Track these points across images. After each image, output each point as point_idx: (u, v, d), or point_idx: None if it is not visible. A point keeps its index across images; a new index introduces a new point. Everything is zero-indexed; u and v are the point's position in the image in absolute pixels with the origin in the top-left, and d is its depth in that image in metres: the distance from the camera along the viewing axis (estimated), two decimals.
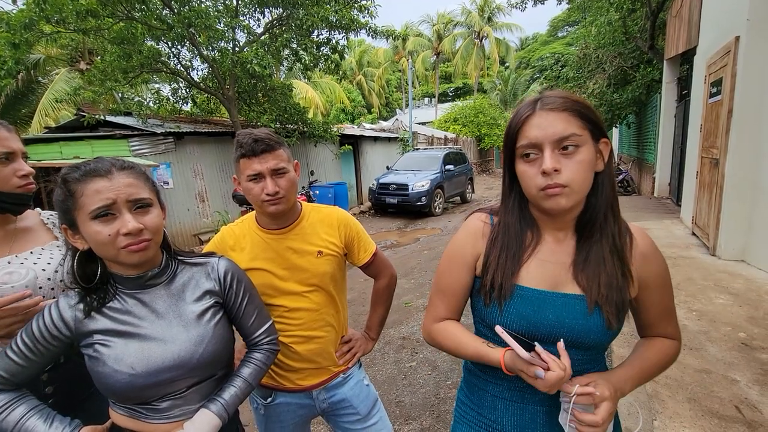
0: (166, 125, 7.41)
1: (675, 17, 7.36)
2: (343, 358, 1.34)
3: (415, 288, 4.80)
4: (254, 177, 1.13)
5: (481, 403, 0.93)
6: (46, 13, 5.61)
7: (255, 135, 1.12)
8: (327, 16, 7.02)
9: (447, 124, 21.21)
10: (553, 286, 0.83)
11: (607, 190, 0.81)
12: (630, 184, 10.52)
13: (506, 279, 0.84)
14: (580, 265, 0.82)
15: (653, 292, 0.85)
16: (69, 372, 1.10)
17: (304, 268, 1.23)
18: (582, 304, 0.80)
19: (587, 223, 0.83)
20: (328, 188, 9.24)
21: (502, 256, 0.86)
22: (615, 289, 0.79)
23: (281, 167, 1.14)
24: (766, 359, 2.38)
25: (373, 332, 1.47)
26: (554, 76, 21.45)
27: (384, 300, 1.47)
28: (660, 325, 0.89)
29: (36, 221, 1.19)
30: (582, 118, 0.76)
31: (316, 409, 1.33)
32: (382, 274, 1.44)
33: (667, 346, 0.89)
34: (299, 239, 1.23)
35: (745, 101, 3.89)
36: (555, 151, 0.75)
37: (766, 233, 3.72)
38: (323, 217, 1.29)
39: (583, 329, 0.80)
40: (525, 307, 0.83)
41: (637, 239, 0.83)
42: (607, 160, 0.81)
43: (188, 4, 6.66)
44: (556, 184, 0.75)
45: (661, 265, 0.85)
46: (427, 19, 31.65)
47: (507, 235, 0.88)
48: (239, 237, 1.24)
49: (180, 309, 0.94)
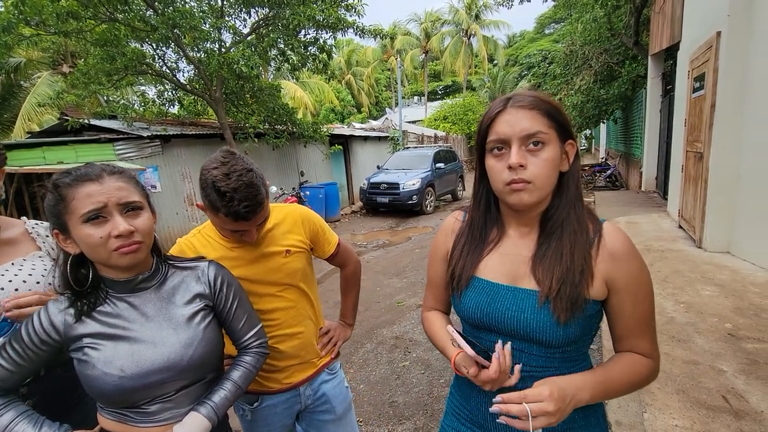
0: (153, 128, 7.30)
1: (658, 13, 7.46)
2: (326, 349, 1.38)
3: (407, 287, 4.81)
4: (235, 231, 1.11)
5: (466, 395, 0.96)
6: (25, 15, 5.47)
7: (244, 203, 1.01)
8: (314, 16, 6.96)
9: (437, 123, 21.27)
10: (511, 279, 0.86)
11: (572, 190, 0.84)
12: (618, 179, 10.65)
13: (464, 270, 0.89)
14: (538, 259, 0.83)
15: (623, 298, 0.80)
16: (50, 385, 1.08)
17: (274, 269, 1.23)
18: (533, 299, 0.81)
19: (550, 220, 0.84)
20: (319, 189, 9.19)
21: (465, 248, 0.92)
22: (569, 285, 0.78)
23: (265, 217, 1.14)
24: (752, 349, 2.42)
25: (349, 318, 1.53)
26: (542, 72, 21.66)
27: (353, 286, 1.52)
28: (631, 338, 0.83)
29: (20, 231, 1.18)
30: (549, 117, 0.79)
31: (301, 405, 1.34)
32: (347, 262, 1.49)
33: (636, 362, 0.82)
34: (267, 243, 1.23)
35: (727, 95, 3.96)
36: (522, 148, 0.78)
37: (750, 225, 3.79)
38: (285, 216, 1.29)
39: (534, 323, 0.80)
40: (479, 298, 0.87)
41: (606, 238, 0.81)
42: (572, 161, 0.84)
43: (172, 4, 6.54)
44: (520, 179, 0.77)
45: (634, 269, 0.80)
46: (415, 17, 31.69)
47: (471, 229, 0.93)
48: (200, 249, 1.18)
49: (170, 312, 0.95)
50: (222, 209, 1.02)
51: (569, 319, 0.78)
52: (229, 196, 1.00)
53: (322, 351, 1.36)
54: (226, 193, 1.00)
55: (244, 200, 1.01)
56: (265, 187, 1.11)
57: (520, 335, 0.82)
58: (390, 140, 14.66)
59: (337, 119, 25.45)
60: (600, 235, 0.82)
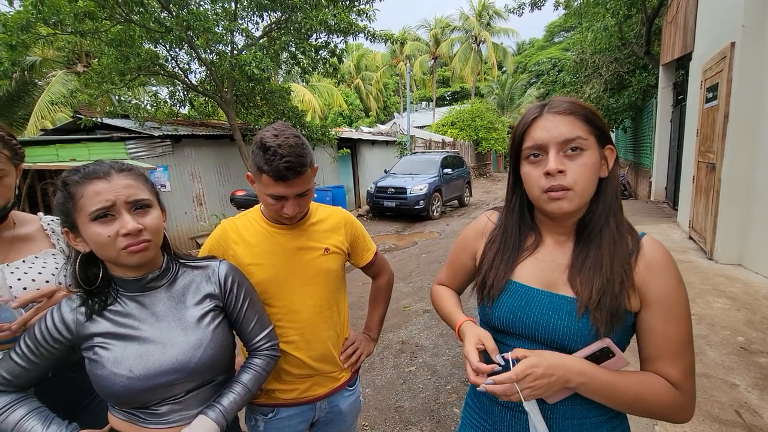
0: (164, 128, 7.38)
1: (670, 23, 7.43)
2: (348, 361, 1.32)
3: (413, 292, 4.79)
4: (277, 197, 1.08)
5: (483, 407, 0.94)
6: (43, 15, 5.57)
7: (286, 158, 1.01)
8: (325, 20, 7.03)
9: (445, 128, 21.27)
10: (546, 285, 0.83)
11: (611, 196, 0.81)
12: (627, 189, 10.57)
13: (497, 279, 0.87)
14: (576, 268, 0.80)
15: (654, 313, 0.75)
16: (58, 386, 1.08)
17: (309, 266, 1.21)
18: (571, 307, 0.78)
19: (587, 227, 0.82)
20: (327, 191, 9.21)
21: (497, 258, 0.89)
22: (609, 296, 0.74)
23: (306, 190, 1.11)
24: (765, 363, 2.38)
25: (374, 332, 1.46)
26: (551, 80, 21.62)
27: (385, 298, 1.49)
28: (659, 361, 0.76)
29: (36, 227, 1.17)
30: (588, 122, 0.77)
31: (315, 418, 1.30)
32: (382, 272, 1.46)
33: (659, 382, 0.75)
34: (307, 236, 1.22)
35: (741, 106, 3.93)
36: (560, 153, 0.76)
37: (763, 237, 3.74)
38: (329, 216, 1.29)
39: (568, 332, 0.77)
40: (513, 301, 0.84)
41: (645, 249, 0.78)
42: (611, 166, 0.81)
43: (187, 7, 6.65)
44: (560, 186, 0.75)
45: (670, 283, 0.75)
46: (425, 23, 31.82)
47: (504, 237, 0.90)
48: (242, 230, 1.20)
49: (180, 312, 0.94)
50: (264, 166, 1.02)
51: (609, 331, 0.75)
52: (272, 150, 1.01)
53: (344, 363, 1.30)
54: (270, 148, 1.01)
55: (286, 156, 1.01)
56: (311, 158, 1.10)
57: (550, 342, 0.79)
58: (398, 145, 14.70)
59: (346, 123, 25.56)
60: (639, 246, 0.79)
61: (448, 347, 3.33)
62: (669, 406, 0.74)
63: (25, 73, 10.65)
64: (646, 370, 0.79)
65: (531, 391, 0.72)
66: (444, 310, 1.01)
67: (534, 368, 0.72)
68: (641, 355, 0.80)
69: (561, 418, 0.81)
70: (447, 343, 3.39)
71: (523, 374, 0.72)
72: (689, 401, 0.75)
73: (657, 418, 0.77)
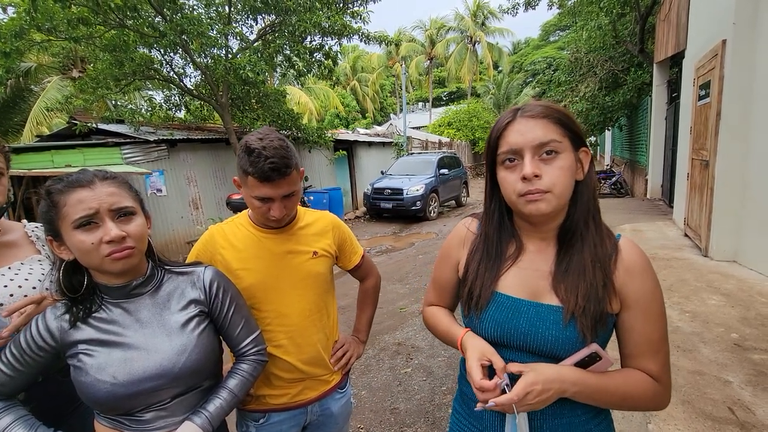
0: (159, 132, 7.38)
1: (664, 21, 7.46)
2: (338, 364, 1.32)
3: (410, 293, 4.79)
4: (263, 199, 1.08)
5: (471, 412, 0.94)
6: (36, 22, 5.57)
7: (270, 159, 1.01)
8: (319, 22, 7.03)
9: (441, 129, 21.31)
10: (531, 295, 0.83)
11: (588, 199, 0.81)
12: (623, 186, 10.60)
13: (484, 289, 0.86)
14: (560, 275, 0.80)
15: (634, 314, 0.78)
16: (47, 391, 1.07)
17: (298, 269, 1.21)
18: (557, 316, 0.78)
19: (568, 232, 0.82)
20: (323, 194, 9.21)
21: (481, 267, 0.89)
22: (593, 301, 0.76)
23: (292, 191, 1.11)
24: (759, 360, 2.39)
25: (363, 334, 1.47)
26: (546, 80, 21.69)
27: (373, 300, 1.50)
28: (640, 358, 0.80)
29: (20, 234, 1.18)
30: (562, 125, 0.77)
31: (306, 421, 1.30)
32: (369, 275, 1.47)
33: (643, 379, 0.79)
34: (295, 240, 1.22)
35: (733, 103, 3.94)
36: (535, 157, 0.76)
37: (757, 234, 3.75)
38: (316, 220, 1.30)
39: (556, 341, 0.78)
40: (499, 314, 0.84)
41: (623, 251, 0.79)
42: (587, 169, 0.81)
43: (181, 11, 6.64)
44: (537, 190, 0.75)
45: (647, 285, 0.78)
46: (420, 24, 31.93)
47: (486, 245, 0.90)
48: (230, 235, 1.21)
49: (164, 318, 0.94)
50: (249, 168, 1.03)
51: (595, 336, 0.76)
52: (257, 152, 1.02)
53: (334, 366, 1.31)
54: (255, 150, 1.02)
55: (271, 157, 1.02)
56: (297, 161, 1.10)
57: (540, 352, 0.80)
58: (394, 146, 14.70)
59: (342, 125, 25.56)
60: (617, 249, 0.80)
61: (443, 348, 3.33)
62: (651, 399, 0.79)
63: (20, 79, 10.63)
64: (628, 366, 0.82)
65: (529, 407, 0.74)
66: (440, 327, 0.99)
67: (533, 386, 0.73)
68: (622, 353, 0.84)
69: (551, 417, 0.82)
70: (442, 345, 3.38)
71: (524, 393, 0.73)
72: (667, 391, 0.81)
73: (640, 410, 0.82)
